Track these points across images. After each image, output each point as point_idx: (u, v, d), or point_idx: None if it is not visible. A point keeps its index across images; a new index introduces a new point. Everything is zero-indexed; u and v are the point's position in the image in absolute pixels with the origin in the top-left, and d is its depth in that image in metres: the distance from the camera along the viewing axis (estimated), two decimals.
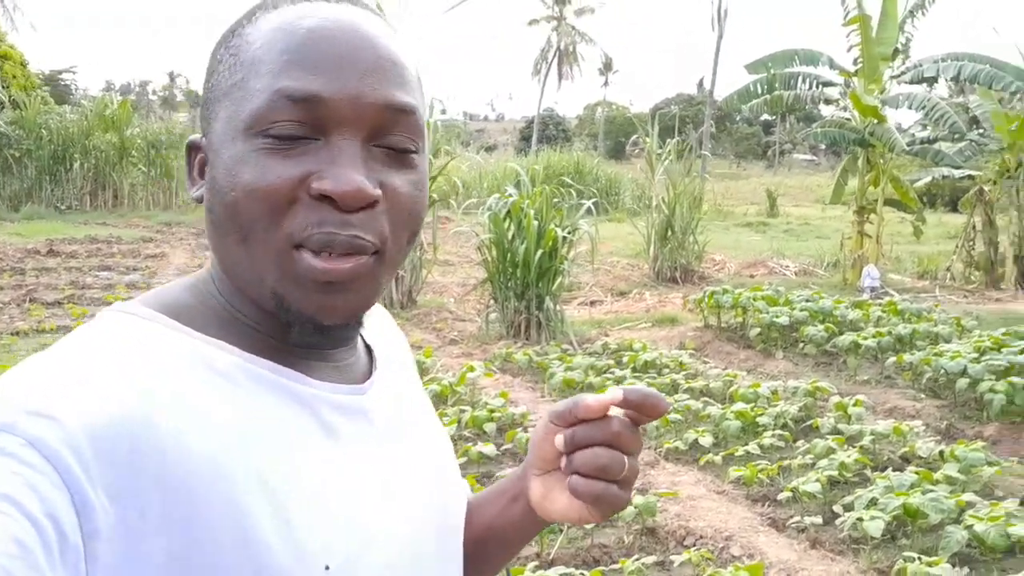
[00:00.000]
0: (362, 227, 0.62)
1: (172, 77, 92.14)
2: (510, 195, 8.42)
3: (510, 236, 8.32)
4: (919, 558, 3.43)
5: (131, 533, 0.52)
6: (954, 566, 3.52)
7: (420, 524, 0.71)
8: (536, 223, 8.20)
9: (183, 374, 0.60)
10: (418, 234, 0.69)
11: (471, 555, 0.82)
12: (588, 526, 3.85)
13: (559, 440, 0.70)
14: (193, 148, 0.68)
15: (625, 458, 0.68)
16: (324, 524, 0.61)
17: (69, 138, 22.89)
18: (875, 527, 3.66)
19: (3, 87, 22.89)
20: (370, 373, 0.74)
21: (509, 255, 8.30)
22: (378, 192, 0.62)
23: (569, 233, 8.59)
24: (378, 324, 0.83)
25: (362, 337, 0.77)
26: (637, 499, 4.03)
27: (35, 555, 0.47)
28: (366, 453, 0.68)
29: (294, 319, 0.64)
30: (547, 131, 55.72)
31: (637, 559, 3.63)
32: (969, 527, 3.60)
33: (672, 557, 3.70)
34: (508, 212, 8.31)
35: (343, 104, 0.61)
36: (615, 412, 0.69)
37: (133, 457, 0.53)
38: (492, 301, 8.79)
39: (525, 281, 8.28)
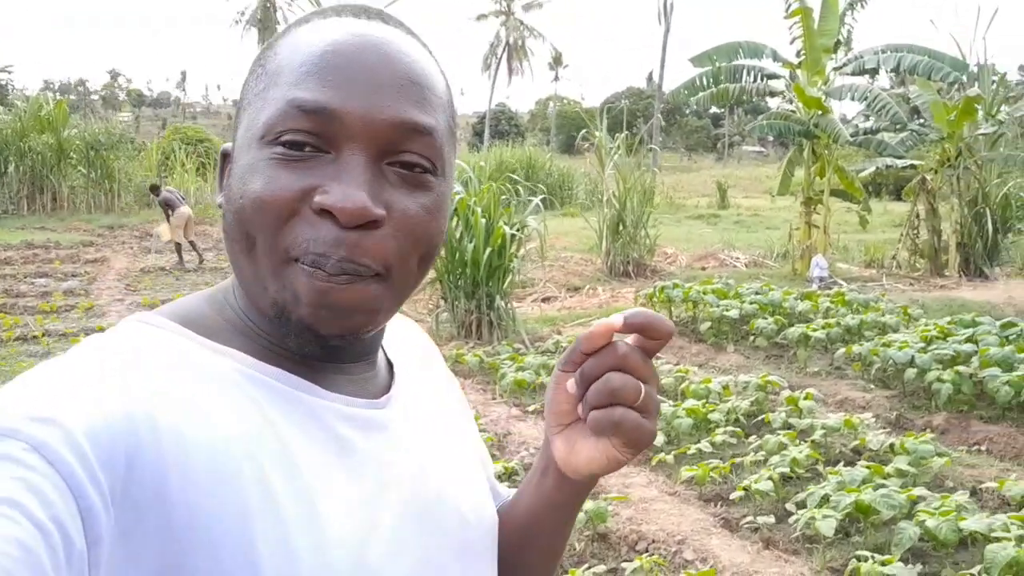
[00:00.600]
0: (359, 248, 0.60)
1: (113, 76, 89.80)
2: (457, 192, 8.26)
3: (458, 235, 8.17)
4: (872, 557, 3.38)
5: (130, 539, 0.51)
6: (907, 562, 3.49)
7: (438, 542, 0.69)
8: (484, 221, 8.06)
9: (188, 381, 0.59)
10: (431, 259, 0.67)
11: (519, 554, 0.80)
12: None
13: (571, 384, 0.66)
14: (225, 156, 0.68)
15: (640, 383, 0.64)
16: (329, 543, 0.59)
17: (3, 140, 22.06)
18: (827, 526, 3.61)
19: None
20: (390, 387, 0.72)
21: (458, 254, 8.15)
22: (380, 211, 0.60)
23: (518, 231, 8.47)
24: (402, 334, 0.82)
25: (384, 351, 0.76)
26: (588, 504, 3.93)
27: (40, 559, 0.45)
28: (381, 468, 0.66)
29: (293, 328, 0.63)
30: (499, 126, 55.62)
31: (588, 567, 3.54)
32: (921, 523, 3.58)
33: (624, 564, 3.61)
34: (455, 210, 8.16)
35: (353, 119, 0.61)
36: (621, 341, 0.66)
37: (133, 462, 0.52)
38: (442, 301, 8.64)
39: (475, 280, 8.14)
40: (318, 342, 0.64)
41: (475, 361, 7.17)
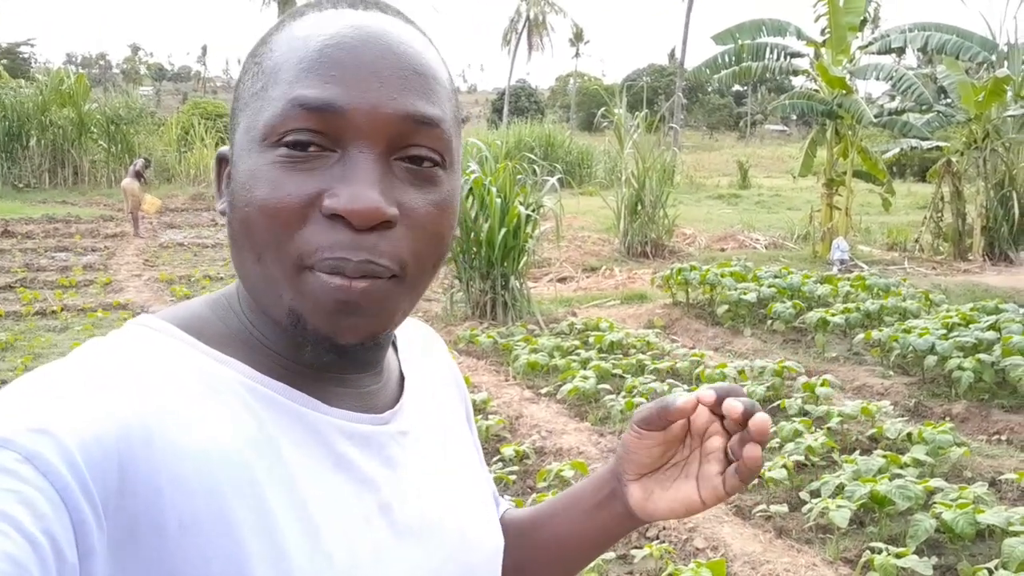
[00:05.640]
0: (376, 250, 0.58)
1: (134, 50, 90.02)
2: (472, 171, 8.19)
3: (473, 214, 8.11)
4: (887, 549, 3.33)
5: (122, 552, 0.50)
6: (922, 555, 3.43)
7: (439, 565, 0.67)
8: (499, 200, 7.99)
9: (186, 390, 0.57)
10: (444, 257, 0.65)
11: (548, 565, 0.84)
12: None
13: (750, 450, 0.70)
14: (222, 160, 0.66)
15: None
16: (326, 562, 0.58)
17: (25, 113, 22.16)
18: (841, 517, 3.55)
19: None
20: (398, 400, 0.71)
21: (472, 234, 8.09)
22: (394, 211, 0.58)
23: (533, 211, 8.40)
24: (420, 346, 0.81)
25: (399, 361, 0.75)
26: None
27: (31, 574, 0.44)
28: (382, 487, 0.65)
29: (310, 338, 0.61)
30: (519, 103, 55.26)
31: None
32: (938, 515, 3.51)
33: (634, 551, 3.57)
34: (470, 189, 8.10)
35: (359, 114, 0.58)
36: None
37: (126, 474, 0.51)
38: (456, 281, 8.60)
39: (490, 260, 8.09)
40: (336, 351, 0.62)
41: (489, 342, 7.13)
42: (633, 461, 0.74)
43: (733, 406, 0.69)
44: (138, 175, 15.30)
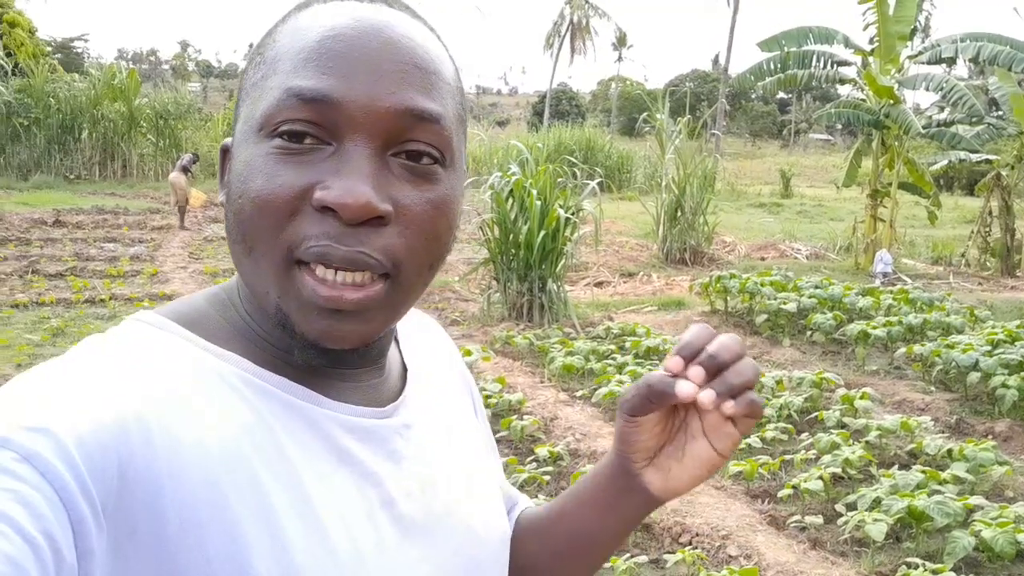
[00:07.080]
0: (367, 243, 0.57)
1: (183, 47, 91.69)
2: (513, 173, 8.23)
3: (512, 216, 8.15)
4: (923, 565, 3.30)
5: (122, 552, 0.50)
6: (960, 572, 3.40)
7: (445, 559, 0.67)
8: (539, 203, 8.02)
9: (186, 386, 0.56)
10: (442, 260, 0.63)
11: (569, 563, 0.79)
12: None
13: (690, 389, 0.63)
14: (226, 151, 0.65)
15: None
16: (329, 559, 0.57)
17: (78, 107, 22.68)
18: (877, 531, 3.52)
19: (7, 55, 22.61)
20: (400, 394, 0.70)
21: (512, 235, 8.14)
22: (386, 207, 0.57)
23: (572, 214, 8.41)
24: (423, 336, 0.79)
25: (400, 353, 0.74)
26: None
27: (29, 575, 0.44)
28: (385, 481, 0.64)
29: (297, 341, 0.60)
30: (560, 106, 55.23)
31: (630, 557, 3.52)
32: (976, 533, 3.47)
33: (666, 556, 3.58)
34: (511, 191, 8.14)
35: (355, 107, 0.57)
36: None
37: (125, 472, 0.50)
38: (494, 282, 8.65)
39: (528, 262, 8.12)
40: (325, 356, 0.61)
41: (525, 344, 7.17)
42: (638, 449, 0.69)
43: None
44: (185, 170, 15.64)
